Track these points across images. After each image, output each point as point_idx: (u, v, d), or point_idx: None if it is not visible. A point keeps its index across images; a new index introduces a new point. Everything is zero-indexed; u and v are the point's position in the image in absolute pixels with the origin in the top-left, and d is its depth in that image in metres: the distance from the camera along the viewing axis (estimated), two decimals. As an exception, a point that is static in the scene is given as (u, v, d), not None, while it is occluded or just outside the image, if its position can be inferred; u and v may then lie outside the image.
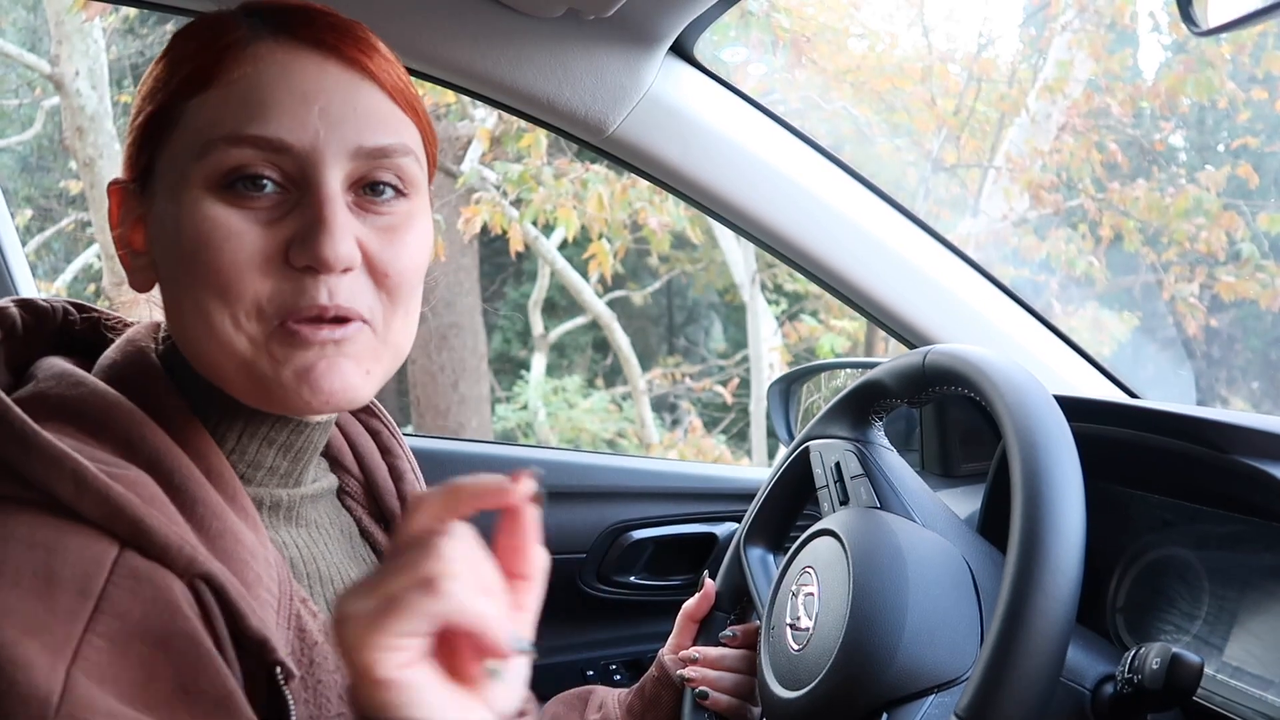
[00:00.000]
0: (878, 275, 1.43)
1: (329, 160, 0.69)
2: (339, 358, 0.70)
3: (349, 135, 0.70)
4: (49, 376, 0.72)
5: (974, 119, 5.49)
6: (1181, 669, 0.80)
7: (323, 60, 0.71)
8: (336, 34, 0.72)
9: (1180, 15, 0.89)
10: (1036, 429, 0.81)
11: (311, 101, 0.70)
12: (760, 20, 4.86)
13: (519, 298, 8.02)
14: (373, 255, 0.71)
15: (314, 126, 0.69)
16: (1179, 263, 5.57)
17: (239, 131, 0.68)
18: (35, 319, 0.80)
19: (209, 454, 0.71)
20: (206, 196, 0.69)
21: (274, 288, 0.69)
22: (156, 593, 0.61)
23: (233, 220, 0.68)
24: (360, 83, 0.72)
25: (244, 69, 0.70)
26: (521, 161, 4.84)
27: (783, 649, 0.97)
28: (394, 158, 0.72)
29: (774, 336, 6.22)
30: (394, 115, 0.73)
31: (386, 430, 0.94)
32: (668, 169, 1.35)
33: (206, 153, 0.69)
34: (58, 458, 0.62)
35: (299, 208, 0.69)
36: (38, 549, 0.60)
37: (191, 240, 0.69)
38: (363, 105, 0.71)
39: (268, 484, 0.78)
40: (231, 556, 0.67)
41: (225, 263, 0.68)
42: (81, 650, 0.57)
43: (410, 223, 0.74)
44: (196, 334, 0.71)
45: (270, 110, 0.69)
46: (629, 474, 1.70)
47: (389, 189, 0.72)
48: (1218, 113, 6.49)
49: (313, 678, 0.69)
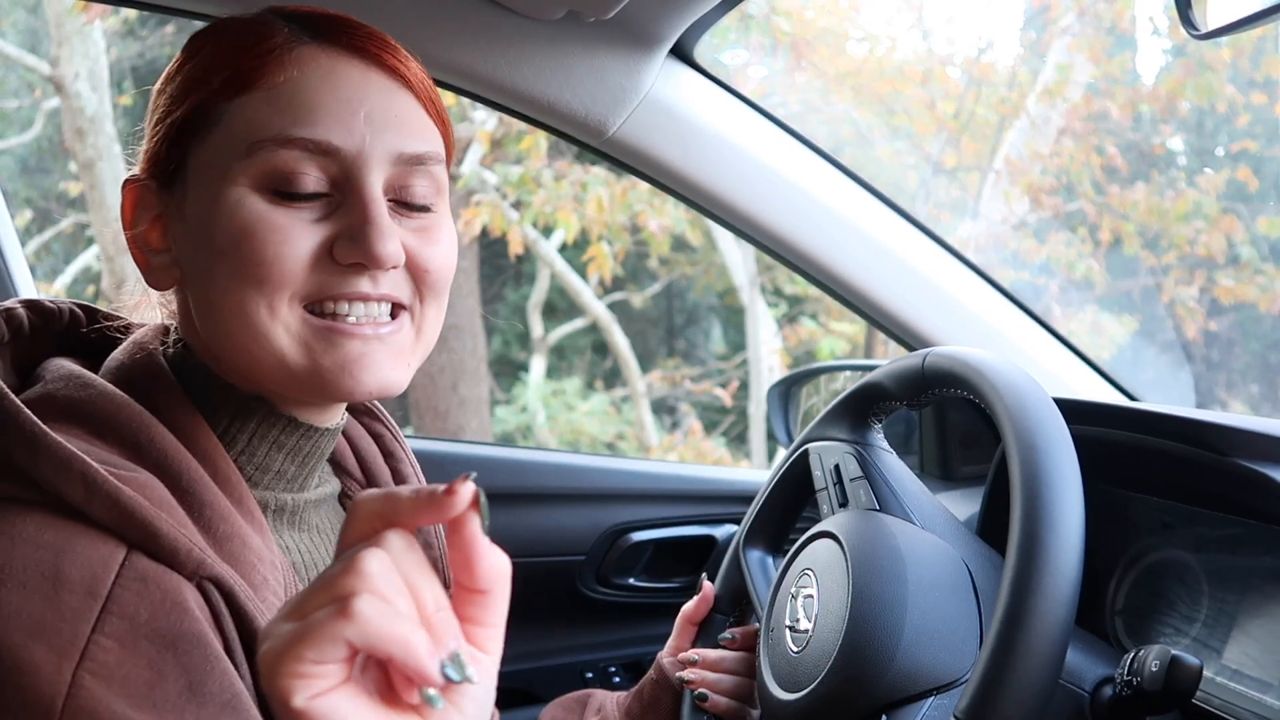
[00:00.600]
0: (877, 278, 1.43)
1: (373, 164, 0.72)
2: (380, 350, 0.73)
3: (391, 141, 0.73)
4: (57, 378, 0.72)
5: (974, 122, 5.49)
6: (1181, 671, 0.80)
7: (365, 68, 0.74)
8: (376, 43, 0.75)
9: (1179, 18, 0.89)
10: (1036, 431, 0.81)
11: (357, 107, 0.72)
12: (760, 23, 4.87)
13: (519, 300, 8.02)
14: (413, 254, 0.74)
15: (360, 131, 0.72)
16: (1178, 266, 5.57)
17: (287, 133, 0.71)
18: (42, 320, 0.80)
19: (216, 458, 0.72)
20: (251, 194, 0.71)
21: (317, 279, 0.71)
22: (164, 595, 0.61)
23: (278, 216, 0.71)
24: (399, 91, 0.75)
25: (289, 73, 0.72)
26: (521, 164, 4.84)
27: (782, 651, 0.97)
28: (428, 165, 0.75)
29: (773, 339, 6.23)
30: (427, 123, 0.77)
31: (389, 434, 0.95)
32: (668, 171, 1.36)
33: (254, 152, 0.71)
34: (67, 460, 0.62)
35: (343, 209, 0.72)
36: (45, 550, 0.61)
37: (234, 234, 0.70)
38: (402, 112, 0.75)
39: (274, 488, 0.78)
40: (239, 560, 0.67)
41: (270, 255, 0.70)
42: (89, 651, 0.58)
43: (442, 224, 0.77)
44: (230, 326, 0.72)
45: (318, 114, 0.71)
46: (628, 476, 1.71)
47: (421, 204, 0.76)
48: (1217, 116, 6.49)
49: None
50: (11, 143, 6.66)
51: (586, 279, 5.90)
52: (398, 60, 0.76)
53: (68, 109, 4.95)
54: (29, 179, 7.13)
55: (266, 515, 0.77)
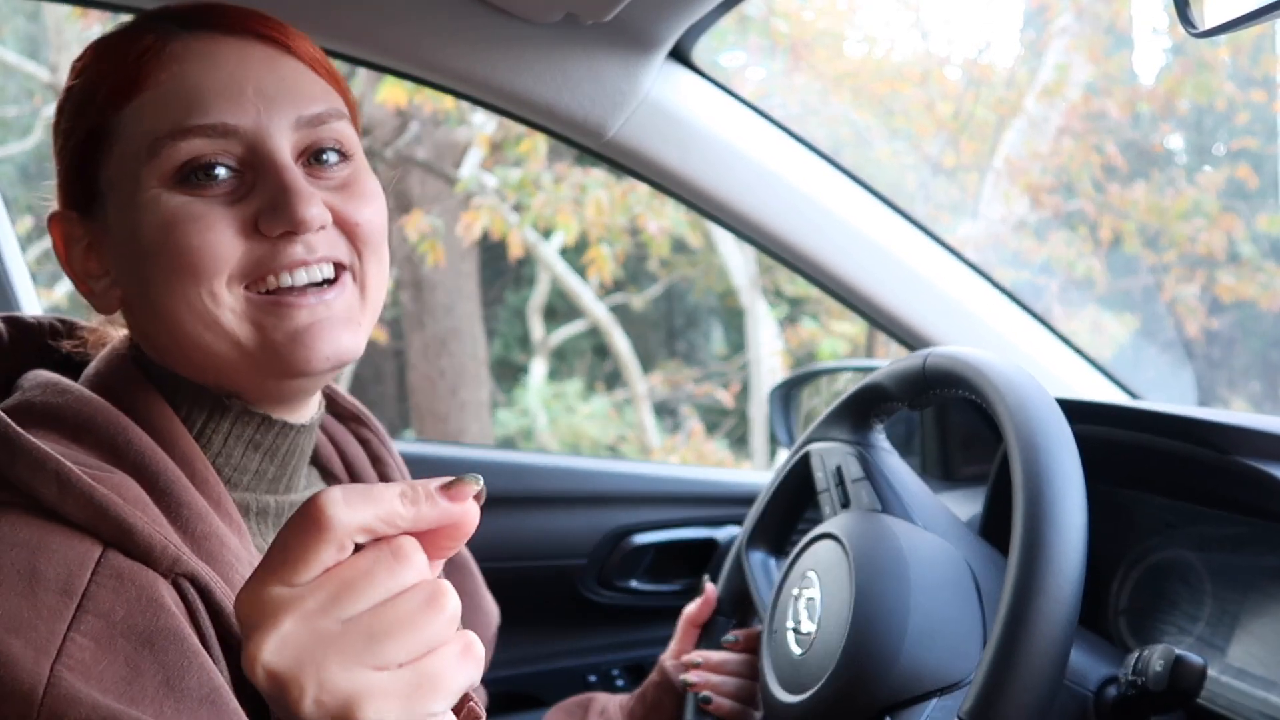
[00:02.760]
0: (878, 278, 1.43)
1: (275, 134, 0.73)
2: (328, 318, 0.73)
3: (286, 108, 0.74)
4: (34, 386, 0.73)
5: (973, 122, 5.49)
6: (1185, 671, 0.80)
7: (242, 44, 0.75)
8: (248, 18, 0.76)
9: (1177, 16, 0.89)
10: (1037, 431, 0.81)
11: (244, 83, 0.73)
12: (759, 25, 4.87)
13: (519, 303, 8.02)
14: (338, 211, 0.75)
15: (253, 105, 0.73)
16: (1179, 264, 5.57)
17: (183, 124, 0.71)
18: (21, 334, 0.81)
19: (194, 459, 0.72)
20: (164, 192, 0.71)
21: (249, 255, 0.72)
22: (140, 591, 0.61)
23: (195, 206, 0.71)
24: (283, 58, 0.76)
25: (169, 69, 0.73)
26: (521, 166, 4.84)
27: (785, 653, 0.97)
28: (330, 122, 0.76)
29: (774, 340, 6.22)
30: (319, 84, 0.77)
31: (376, 438, 0.95)
32: (667, 173, 1.35)
33: (156, 151, 0.71)
34: (40, 460, 0.63)
35: (258, 185, 0.72)
36: (20, 549, 0.61)
37: (158, 233, 0.71)
38: (290, 78, 0.75)
39: (255, 489, 0.78)
40: (217, 559, 0.67)
41: (195, 243, 0.70)
42: (65, 648, 0.58)
43: (361, 178, 0.77)
44: (177, 323, 0.72)
45: (208, 98, 0.72)
46: (630, 479, 1.70)
47: (333, 154, 0.76)
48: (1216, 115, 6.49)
49: None
50: (12, 149, 6.66)
51: (587, 281, 5.90)
52: (273, 30, 0.76)
53: (67, 115, 4.94)
54: (30, 186, 7.13)
55: (249, 518, 0.77)
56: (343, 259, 0.75)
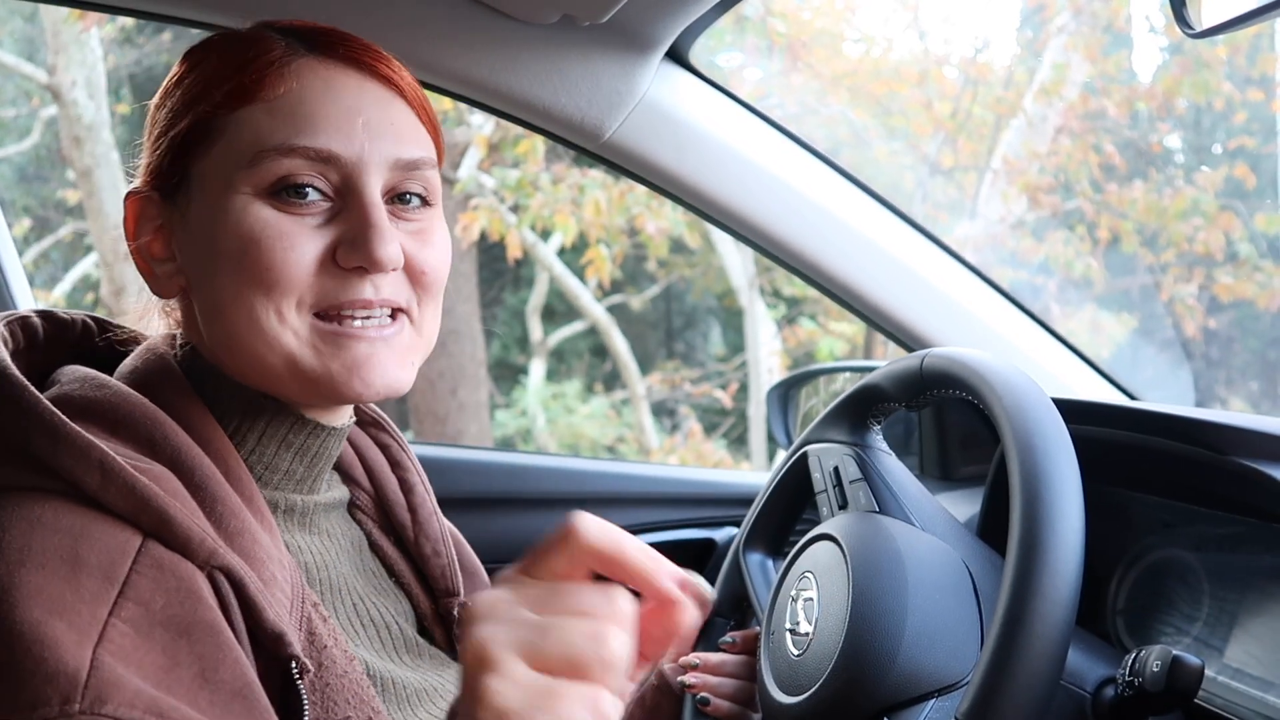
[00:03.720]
0: (875, 279, 1.43)
1: (372, 170, 0.75)
2: (385, 351, 0.76)
3: (388, 148, 0.76)
4: (73, 380, 0.74)
5: (970, 122, 5.49)
6: (1182, 671, 0.80)
7: (361, 78, 0.77)
8: (371, 54, 0.78)
9: (1174, 16, 0.89)
10: (1035, 432, 0.81)
11: (355, 116, 0.75)
12: (756, 25, 4.87)
13: (517, 304, 8.02)
14: (410, 256, 0.77)
15: (360, 138, 0.74)
16: (1177, 264, 5.57)
17: (290, 142, 0.73)
18: (57, 330, 0.82)
19: (227, 456, 0.73)
20: (255, 201, 0.73)
21: (322, 285, 0.74)
22: (179, 583, 0.62)
23: (283, 223, 0.73)
24: (394, 99, 0.78)
25: (289, 84, 0.74)
26: (519, 167, 4.84)
27: (783, 654, 0.97)
28: (423, 169, 0.78)
29: (772, 340, 6.23)
30: (420, 130, 0.79)
31: (396, 444, 0.96)
32: (664, 174, 1.36)
33: (258, 162, 0.73)
34: (85, 449, 0.64)
35: (343, 214, 0.74)
36: (64, 534, 0.62)
37: (240, 241, 0.72)
38: (398, 120, 0.77)
39: (284, 488, 0.80)
40: (249, 555, 0.68)
41: (277, 260, 0.72)
42: (106, 633, 0.58)
43: (436, 227, 0.80)
44: (239, 331, 0.74)
45: (319, 123, 0.74)
46: (628, 479, 1.70)
47: (416, 198, 0.78)
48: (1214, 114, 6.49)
49: (321, 680, 0.69)
50: (9, 151, 6.66)
51: (585, 282, 5.90)
52: (391, 70, 0.79)
53: (65, 117, 4.95)
54: (27, 187, 7.13)
55: (276, 515, 0.78)
56: (402, 304, 0.77)
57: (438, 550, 0.91)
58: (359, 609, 0.82)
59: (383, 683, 0.77)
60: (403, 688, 0.79)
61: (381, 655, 0.81)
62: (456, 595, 0.90)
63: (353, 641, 0.79)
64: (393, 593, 0.88)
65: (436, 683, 0.83)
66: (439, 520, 0.93)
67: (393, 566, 0.89)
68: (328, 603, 0.79)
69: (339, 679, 0.70)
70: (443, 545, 0.92)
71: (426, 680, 0.82)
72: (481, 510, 1.60)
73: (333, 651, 0.71)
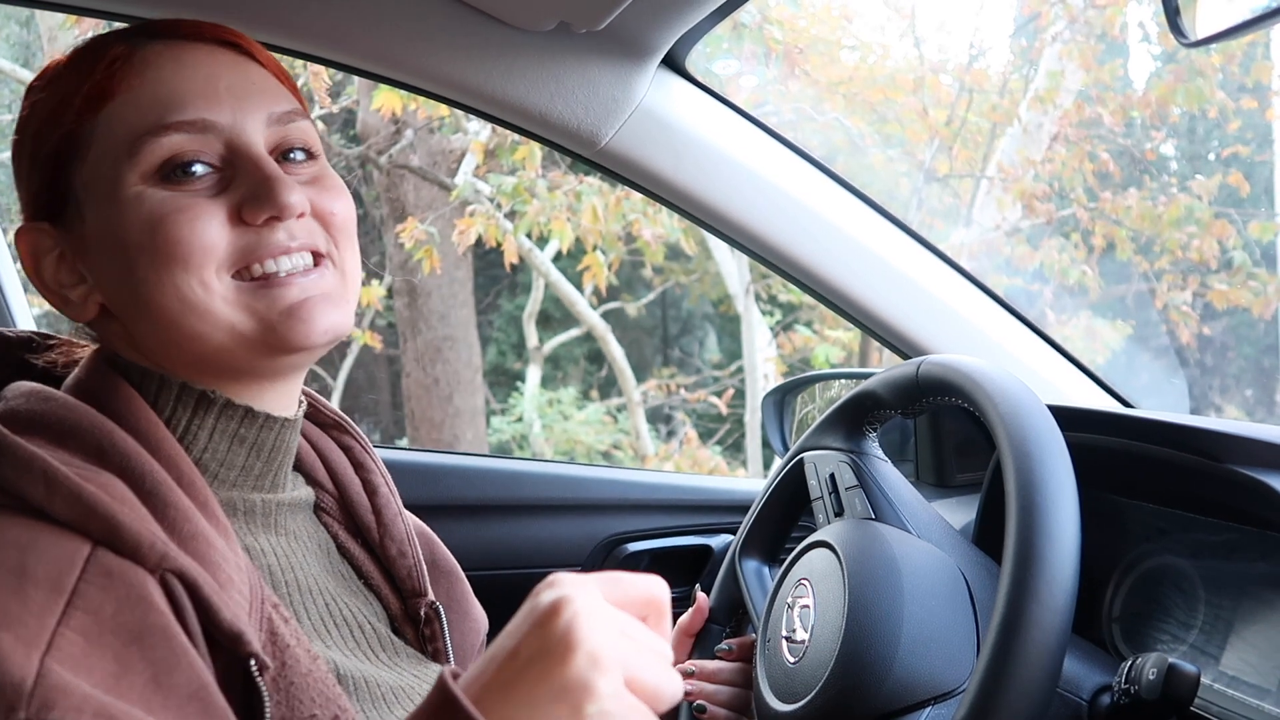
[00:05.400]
0: (871, 286, 1.43)
1: (250, 129, 0.76)
2: (317, 296, 0.76)
3: (258, 106, 0.77)
4: (18, 395, 0.74)
5: (966, 129, 5.50)
6: (1178, 679, 0.80)
7: (210, 50, 0.78)
8: (212, 28, 0.80)
9: (1169, 26, 0.89)
10: (1030, 439, 0.81)
11: (216, 82, 0.76)
12: (752, 32, 4.88)
13: (513, 310, 8.02)
14: (314, 202, 0.78)
15: (227, 102, 0.76)
16: (1171, 271, 5.58)
17: (163, 121, 0.74)
18: (2, 347, 0.82)
19: (178, 460, 0.73)
20: (147, 189, 0.73)
21: (235, 243, 0.74)
22: (129, 589, 0.62)
23: (180, 199, 0.73)
24: (247, 62, 0.80)
25: (142, 74, 0.75)
26: (515, 174, 4.84)
27: (778, 662, 0.97)
28: (297, 120, 0.80)
29: (769, 347, 6.22)
30: (281, 87, 0.81)
31: (359, 445, 0.95)
32: (660, 181, 1.36)
33: (136, 150, 0.73)
34: (28, 460, 0.64)
35: (237, 178, 0.75)
36: (10, 548, 0.61)
37: (144, 228, 0.73)
38: (258, 80, 0.79)
39: (242, 486, 0.79)
40: (203, 558, 0.67)
41: (184, 233, 0.73)
42: (55, 642, 0.58)
43: (329, 173, 0.81)
44: (169, 316, 0.74)
45: (185, 96, 0.75)
46: (624, 486, 1.70)
47: (301, 152, 0.80)
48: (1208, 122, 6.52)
49: (285, 679, 0.69)
50: (3, 156, 6.65)
51: (581, 289, 5.90)
52: (236, 37, 0.80)
53: (61, 122, 4.93)
54: (22, 193, 7.10)
55: (236, 516, 0.78)
56: (320, 248, 0.78)
57: (403, 551, 0.90)
58: (330, 609, 0.82)
59: (355, 682, 0.77)
60: (376, 686, 0.78)
61: (355, 655, 0.81)
62: (424, 595, 0.90)
63: (324, 642, 0.79)
64: (362, 594, 0.88)
65: (412, 681, 0.83)
66: (404, 520, 0.93)
67: (360, 568, 0.89)
68: (297, 603, 0.78)
69: (303, 678, 0.70)
70: (409, 545, 0.91)
71: (402, 679, 0.82)
72: (477, 516, 1.59)
73: (295, 651, 0.71)
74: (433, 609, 0.89)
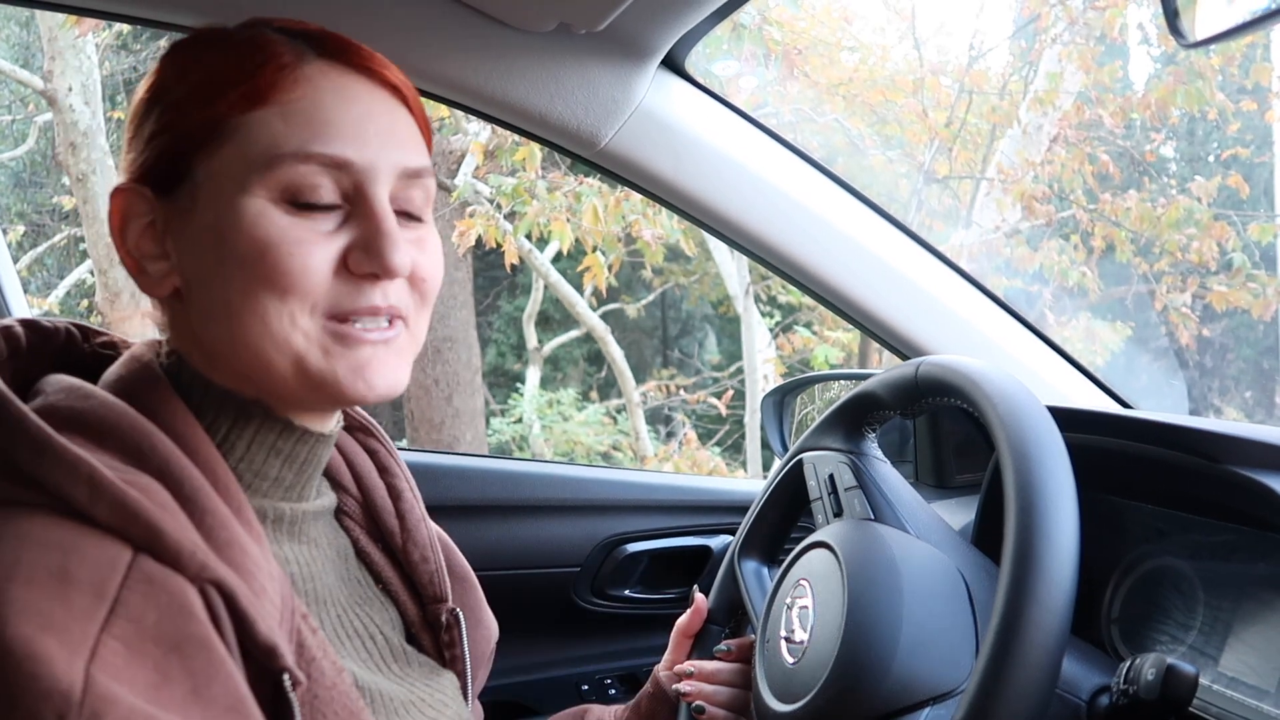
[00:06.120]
0: (870, 287, 1.43)
1: (382, 178, 0.75)
2: (387, 355, 0.77)
3: (395, 156, 0.76)
4: (57, 390, 0.73)
5: (966, 131, 5.50)
6: (1177, 680, 0.80)
7: (371, 85, 0.77)
8: (376, 60, 0.79)
9: (1168, 27, 0.89)
10: (1029, 440, 0.81)
11: (367, 122, 0.75)
12: (752, 34, 4.88)
13: (513, 311, 8.02)
14: (414, 265, 0.78)
15: (373, 146, 0.75)
16: (1171, 273, 5.59)
17: (306, 149, 0.73)
18: (39, 339, 0.80)
19: (215, 466, 0.72)
20: (270, 206, 0.73)
21: (334, 290, 0.74)
22: (170, 598, 0.61)
23: (299, 229, 0.73)
24: (399, 107, 0.79)
25: (302, 89, 0.74)
26: (515, 175, 4.84)
27: (778, 662, 0.97)
28: (424, 178, 0.79)
29: (768, 348, 6.22)
30: (420, 138, 0.80)
31: (384, 449, 0.95)
32: (660, 182, 1.36)
33: (273, 166, 0.73)
34: (73, 463, 0.63)
35: (353, 220, 0.75)
36: (53, 550, 0.61)
37: (254, 244, 0.72)
38: (403, 128, 0.78)
39: (273, 496, 0.79)
40: (239, 566, 0.67)
41: (295, 266, 0.72)
42: (98, 650, 0.57)
43: (434, 237, 0.81)
44: (248, 332, 0.73)
45: (334, 129, 0.74)
46: (623, 487, 1.70)
47: (419, 207, 0.79)
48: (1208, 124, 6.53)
49: (310, 693, 0.69)
50: (4, 157, 6.66)
51: (581, 290, 5.90)
52: (397, 79, 0.79)
53: (60, 123, 4.95)
54: (22, 193, 7.12)
55: (265, 525, 0.78)
56: (404, 312, 0.78)
57: (425, 556, 0.90)
58: (343, 620, 0.81)
59: (370, 695, 0.77)
60: (390, 699, 0.78)
61: (368, 666, 0.80)
62: (444, 601, 0.90)
63: (339, 653, 0.78)
64: (379, 601, 0.87)
65: (424, 693, 0.83)
66: (427, 526, 0.93)
67: (380, 573, 0.89)
68: (313, 614, 0.78)
69: (328, 690, 0.70)
70: (431, 551, 0.91)
71: (414, 691, 0.82)
72: (476, 517, 1.60)
73: (322, 663, 0.71)
74: (453, 615, 0.89)
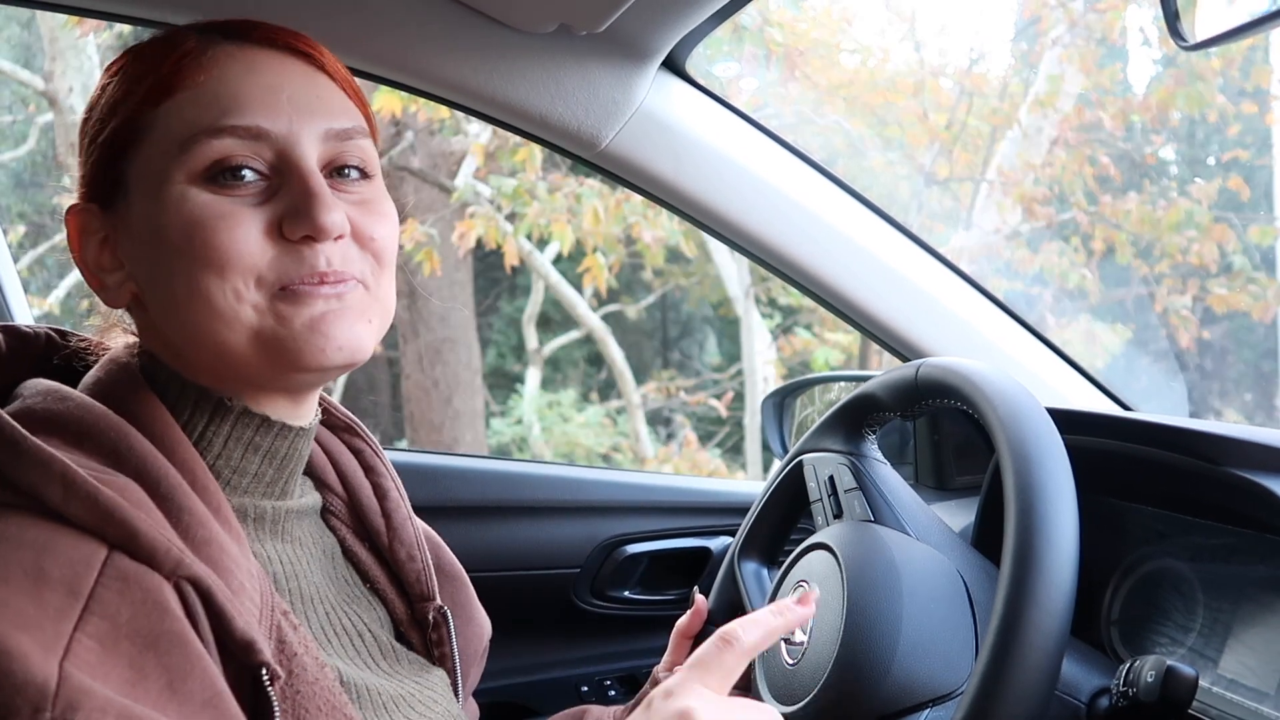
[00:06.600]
0: (871, 289, 1.43)
1: (304, 142, 0.75)
2: (342, 309, 0.75)
3: (317, 119, 0.76)
4: (35, 394, 0.73)
5: (966, 133, 5.51)
6: (1176, 681, 0.80)
7: (282, 57, 0.78)
8: (287, 35, 0.79)
9: (1168, 30, 0.89)
10: (1029, 442, 0.81)
11: (279, 91, 0.75)
12: (753, 35, 4.88)
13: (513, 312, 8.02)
14: (357, 225, 0.77)
15: (286, 112, 0.75)
16: (1171, 275, 5.59)
17: (218, 124, 0.73)
18: (18, 344, 0.82)
19: (193, 465, 0.72)
20: (192, 188, 0.73)
21: (272, 258, 0.73)
22: (145, 594, 0.62)
23: (223, 204, 0.73)
24: (316, 74, 0.79)
25: (209, 72, 0.75)
26: (516, 176, 4.84)
27: (777, 664, 0.97)
28: (356, 139, 0.78)
29: (768, 350, 6.23)
30: (348, 103, 0.80)
31: (369, 449, 0.95)
32: (660, 184, 1.36)
33: (188, 148, 0.73)
34: (46, 462, 0.64)
35: (283, 189, 0.74)
36: (27, 549, 0.61)
37: (184, 228, 0.72)
38: (323, 93, 0.78)
39: (253, 493, 0.79)
40: (216, 564, 0.67)
41: (222, 240, 0.72)
42: (72, 647, 0.58)
43: (380, 197, 0.80)
44: (199, 318, 0.73)
45: (244, 101, 0.74)
46: (623, 488, 1.70)
47: (355, 170, 0.79)
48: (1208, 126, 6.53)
49: (291, 688, 0.69)
50: (5, 157, 6.66)
51: (581, 291, 5.90)
52: (310, 48, 0.80)
53: (61, 124, 4.95)
54: (22, 194, 7.12)
55: (246, 523, 0.78)
56: (356, 275, 0.77)
57: (412, 555, 0.90)
58: (331, 618, 0.81)
59: (357, 690, 0.77)
60: (378, 695, 0.78)
61: (356, 664, 0.80)
62: (432, 600, 0.90)
63: (325, 651, 0.78)
64: (367, 599, 0.87)
65: (414, 689, 0.83)
66: (414, 524, 0.93)
67: (367, 572, 0.89)
68: (298, 612, 0.78)
69: (310, 686, 0.70)
70: (417, 550, 0.91)
71: (403, 687, 0.82)
72: (476, 518, 1.60)
73: (303, 659, 0.71)
74: (440, 614, 0.89)
